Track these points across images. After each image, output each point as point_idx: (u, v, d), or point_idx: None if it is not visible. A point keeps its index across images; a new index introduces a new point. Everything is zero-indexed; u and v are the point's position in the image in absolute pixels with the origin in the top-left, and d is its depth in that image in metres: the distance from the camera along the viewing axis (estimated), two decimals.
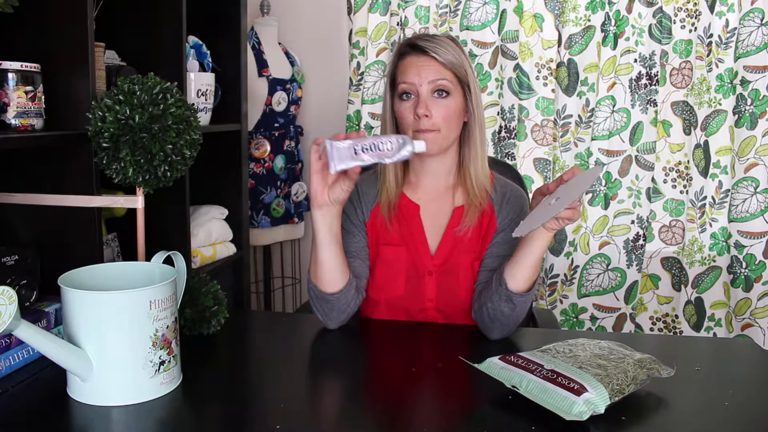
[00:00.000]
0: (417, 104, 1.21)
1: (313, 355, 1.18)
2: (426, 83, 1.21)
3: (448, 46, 1.23)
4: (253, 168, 2.27)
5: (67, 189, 1.21)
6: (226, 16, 1.87)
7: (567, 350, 1.01)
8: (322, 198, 1.13)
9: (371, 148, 1.08)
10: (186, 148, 1.09)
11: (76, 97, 1.20)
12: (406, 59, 1.25)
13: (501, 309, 1.17)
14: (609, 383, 0.89)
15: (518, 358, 0.97)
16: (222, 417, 0.91)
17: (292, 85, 2.35)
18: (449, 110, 1.22)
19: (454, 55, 1.23)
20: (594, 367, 0.93)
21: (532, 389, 0.91)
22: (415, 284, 1.29)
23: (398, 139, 1.08)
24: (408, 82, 1.23)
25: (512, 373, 0.95)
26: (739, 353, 1.20)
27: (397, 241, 1.30)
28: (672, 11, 2.14)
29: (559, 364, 0.94)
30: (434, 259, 1.29)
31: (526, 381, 0.92)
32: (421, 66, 1.22)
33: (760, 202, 2.14)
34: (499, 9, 2.19)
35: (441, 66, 1.22)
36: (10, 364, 1.01)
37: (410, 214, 1.31)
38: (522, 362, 0.96)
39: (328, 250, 1.18)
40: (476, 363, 1.00)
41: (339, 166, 1.07)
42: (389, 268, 1.30)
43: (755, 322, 2.18)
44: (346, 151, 1.07)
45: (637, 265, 2.27)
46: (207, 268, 1.76)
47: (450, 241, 1.30)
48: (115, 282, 1.03)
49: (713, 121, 2.13)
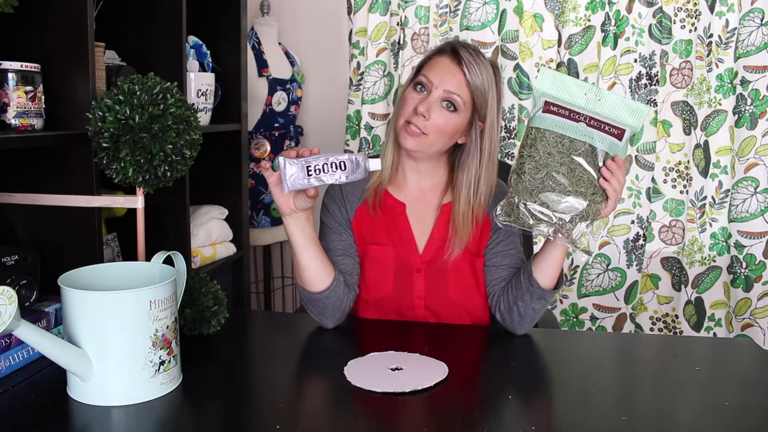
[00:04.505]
0: (422, 101, 1.21)
1: (312, 355, 1.18)
2: (442, 89, 1.21)
3: (484, 70, 1.22)
4: (253, 168, 2.27)
5: (67, 189, 1.21)
6: (226, 16, 1.87)
7: None
8: (288, 207, 1.13)
9: (324, 169, 1.04)
10: (186, 148, 1.09)
11: (76, 97, 1.20)
12: (441, 58, 1.24)
13: (533, 307, 1.20)
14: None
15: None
16: (222, 417, 0.91)
17: (292, 85, 2.35)
18: (447, 124, 1.22)
19: (484, 82, 1.22)
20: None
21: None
22: (404, 282, 1.30)
23: (353, 158, 1.05)
24: (428, 78, 1.22)
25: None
26: (739, 353, 1.20)
27: (383, 240, 1.31)
28: (672, 11, 2.14)
29: None
30: (422, 256, 1.30)
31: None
32: (448, 72, 1.21)
33: (760, 202, 2.14)
34: (499, 9, 2.19)
35: (465, 83, 1.21)
36: (10, 364, 1.01)
37: (396, 213, 1.31)
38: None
39: (306, 252, 1.18)
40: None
41: (291, 187, 1.05)
42: (378, 267, 1.30)
43: (755, 322, 2.18)
44: (298, 171, 1.04)
45: (637, 265, 2.27)
46: (207, 268, 1.76)
47: (438, 238, 1.30)
48: (115, 282, 1.03)
49: (713, 121, 2.13)
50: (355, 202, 1.32)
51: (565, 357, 1.19)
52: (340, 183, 1.07)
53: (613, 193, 1.04)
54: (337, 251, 1.29)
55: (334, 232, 1.31)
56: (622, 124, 1.04)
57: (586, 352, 1.21)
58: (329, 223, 1.32)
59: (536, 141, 1.04)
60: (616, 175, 1.04)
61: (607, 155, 1.04)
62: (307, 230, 1.17)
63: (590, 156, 1.03)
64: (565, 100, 1.05)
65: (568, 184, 1.02)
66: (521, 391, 0.98)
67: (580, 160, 1.02)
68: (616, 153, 1.04)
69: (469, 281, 1.29)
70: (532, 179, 1.03)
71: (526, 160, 1.04)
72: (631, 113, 1.05)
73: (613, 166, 1.04)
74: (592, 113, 1.04)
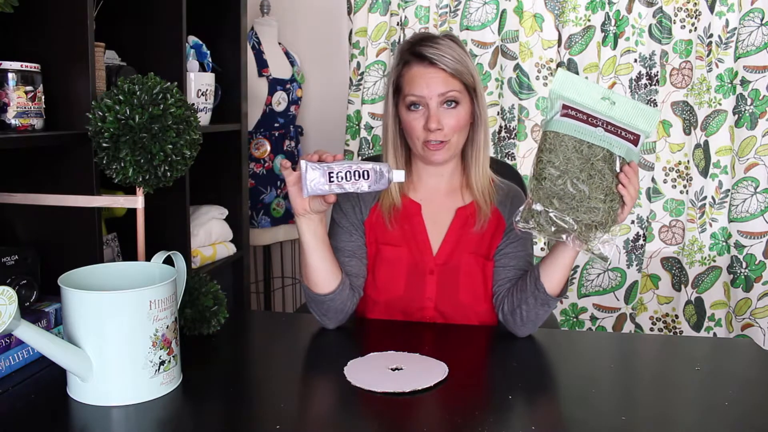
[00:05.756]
0: (428, 117, 1.20)
1: (313, 355, 1.18)
2: (435, 96, 1.20)
3: (452, 51, 1.21)
4: (253, 168, 2.27)
5: (67, 189, 1.21)
6: (226, 16, 1.87)
7: None
8: (302, 208, 1.12)
9: (347, 177, 1.03)
10: (186, 148, 1.09)
11: (76, 97, 1.20)
12: (413, 69, 1.22)
13: (536, 312, 1.20)
14: None
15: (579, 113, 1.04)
16: (222, 417, 0.91)
17: (292, 85, 2.35)
18: (459, 119, 1.22)
19: (460, 62, 1.21)
20: None
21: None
22: (416, 283, 1.29)
23: (377, 168, 1.04)
24: (417, 94, 1.21)
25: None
26: (739, 353, 1.20)
27: (397, 241, 1.30)
28: (672, 11, 2.14)
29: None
30: (436, 258, 1.29)
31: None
32: (429, 77, 1.20)
33: (760, 202, 2.14)
34: (499, 9, 2.19)
35: (449, 76, 1.20)
36: (10, 364, 1.01)
37: (411, 213, 1.31)
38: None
39: (316, 254, 1.18)
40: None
41: (311, 192, 1.03)
42: (390, 268, 1.30)
43: (755, 322, 2.18)
44: (320, 176, 1.03)
45: (637, 265, 2.27)
46: (207, 268, 1.76)
47: (453, 240, 1.30)
48: (115, 282, 1.03)
49: (713, 121, 2.13)
50: (370, 201, 1.32)
51: (565, 357, 1.19)
52: (361, 192, 1.04)
53: (629, 199, 1.03)
54: (345, 252, 1.28)
55: (345, 232, 1.30)
56: (637, 129, 1.04)
57: (586, 352, 1.21)
58: (341, 222, 1.31)
59: (555, 146, 1.03)
60: (632, 181, 1.03)
61: (623, 161, 1.03)
62: (319, 232, 1.16)
63: (609, 161, 1.02)
64: (581, 104, 1.04)
65: (588, 190, 1.01)
66: (521, 391, 0.98)
67: (601, 166, 1.01)
68: (632, 159, 1.03)
69: (479, 285, 1.29)
70: (553, 185, 1.01)
71: (545, 166, 1.02)
72: (644, 118, 1.04)
73: (630, 171, 1.03)
74: (608, 117, 1.03)
